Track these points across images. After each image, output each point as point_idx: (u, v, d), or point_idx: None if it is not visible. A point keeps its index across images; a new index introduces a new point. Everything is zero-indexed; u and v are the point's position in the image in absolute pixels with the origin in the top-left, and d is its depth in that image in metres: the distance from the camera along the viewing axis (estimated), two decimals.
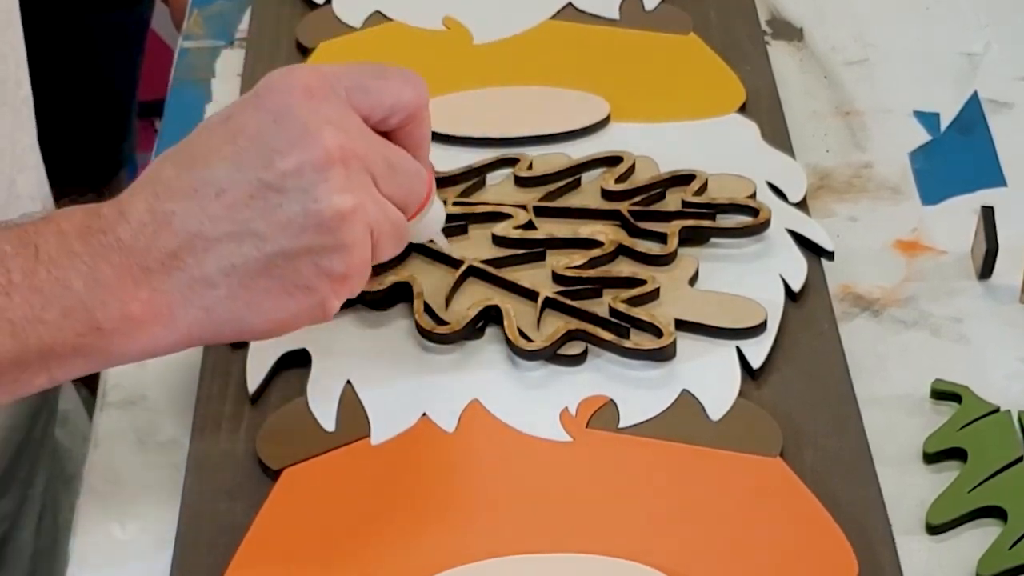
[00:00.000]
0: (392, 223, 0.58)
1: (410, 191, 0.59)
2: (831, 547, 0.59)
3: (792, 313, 0.68)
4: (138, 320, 0.56)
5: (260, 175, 0.56)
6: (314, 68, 0.58)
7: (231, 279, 0.56)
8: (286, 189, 0.55)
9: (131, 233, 0.56)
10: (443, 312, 0.68)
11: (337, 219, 0.56)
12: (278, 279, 0.56)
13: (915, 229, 0.75)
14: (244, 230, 0.56)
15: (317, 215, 0.56)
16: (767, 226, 0.71)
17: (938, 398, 0.66)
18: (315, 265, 0.56)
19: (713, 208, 0.72)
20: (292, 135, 0.56)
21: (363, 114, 0.58)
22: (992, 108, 0.81)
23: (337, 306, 0.58)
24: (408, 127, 0.60)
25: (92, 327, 0.55)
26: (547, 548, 0.59)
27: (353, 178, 0.56)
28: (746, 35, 0.85)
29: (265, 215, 0.56)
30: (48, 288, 0.55)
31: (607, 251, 0.70)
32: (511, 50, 0.84)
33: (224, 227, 0.56)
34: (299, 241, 0.56)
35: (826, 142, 0.80)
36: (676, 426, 0.64)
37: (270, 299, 0.56)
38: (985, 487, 0.62)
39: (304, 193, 0.55)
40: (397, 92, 0.59)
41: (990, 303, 0.70)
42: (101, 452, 0.65)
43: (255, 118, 0.56)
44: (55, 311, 0.55)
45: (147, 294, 0.55)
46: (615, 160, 0.75)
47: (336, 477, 0.62)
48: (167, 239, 0.56)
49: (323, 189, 0.56)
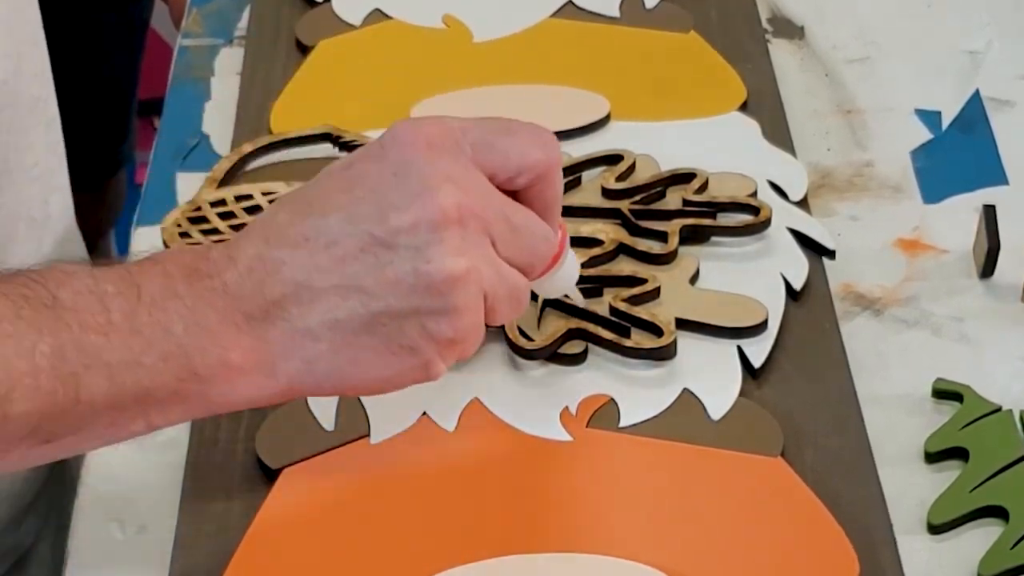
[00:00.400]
0: (509, 287, 0.56)
1: (533, 253, 0.57)
2: (832, 547, 0.59)
3: (793, 312, 0.68)
4: (238, 368, 0.54)
5: (373, 230, 0.54)
6: (440, 121, 0.56)
7: (334, 333, 0.55)
8: (398, 246, 0.54)
9: (237, 279, 0.54)
10: None
11: (448, 282, 0.54)
12: (383, 338, 0.55)
13: (916, 228, 0.75)
14: (352, 284, 0.54)
15: (427, 276, 0.54)
16: (768, 225, 0.71)
17: (939, 397, 0.66)
18: (422, 327, 0.55)
19: (714, 207, 0.72)
20: (410, 191, 0.54)
21: (488, 172, 0.56)
22: (994, 106, 0.81)
23: (443, 369, 0.56)
24: (537, 187, 0.58)
25: (191, 372, 0.54)
26: (547, 548, 0.59)
27: (469, 239, 0.55)
28: (747, 33, 0.85)
29: (374, 271, 0.54)
30: (148, 331, 0.53)
31: (607, 250, 0.70)
32: (511, 48, 0.83)
33: (332, 280, 0.54)
34: (407, 301, 0.54)
35: (827, 140, 0.80)
36: (677, 426, 0.64)
37: (373, 357, 0.55)
38: (986, 487, 0.61)
39: (416, 252, 0.54)
40: (525, 151, 0.57)
41: (992, 302, 0.70)
42: (100, 452, 0.65)
43: (375, 169, 0.55)
44: (154, 355, 0.53)
45: (249, 342, 0.54)
46: (615, 159, 0.74)
47: (335, 477, 0.62)
48: (273, 287, 0.54)
49: (436, 250, 0.54)
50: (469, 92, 0.80)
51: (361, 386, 0.57)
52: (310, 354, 0.55)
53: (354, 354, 0.55)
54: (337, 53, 0.84)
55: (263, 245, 0.55)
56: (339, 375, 0.55)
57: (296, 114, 0.80)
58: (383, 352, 0.55)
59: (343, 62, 0.84)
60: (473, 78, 0.81)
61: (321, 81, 0.82)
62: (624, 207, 0.72)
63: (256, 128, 0.79)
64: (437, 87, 0.80)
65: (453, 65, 0.83)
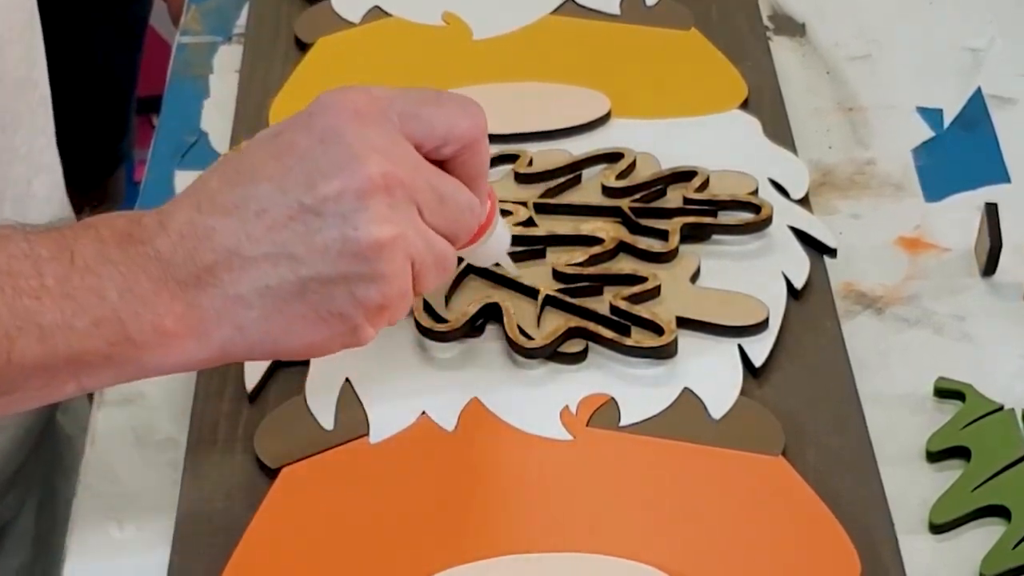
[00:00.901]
0: (436, 255, 0.57)
1: (459, 223, 0.58)
2: (833, 546, 0.59)
3: (794, 311, 0.68)
4: (171, 334, 0.55)
5: (302, 198, 0.55)
6: (367, 91, 0.57)
7: (266, 300, 0.56)
8: (326, 214, 0.55)
9: (170, 245, 0.55)
10: (443, 310, 0.67)
11: (375, 248, 0.55)
12: (313, 304, 0.56)
13: (918, 226, 0.74)
14: (282, 252, 0.55)
15: (355, 243, 0.55)
16: (769, 223, 0.71)
17: (941, 396, 0.66)
18: (350, 293, 0.56)
19: (714, 205, 0.71)
20: (337, 159, 0.55)
21: (415, 142, 0.57)
22: (996, 104, 0.81)
23: (372, 334, 0.57)
24: (463, 156, 0.59)
25: (123, 337, 0.55)
26: (547, 548, 0.59)
27: (396, 207, 0.56)
28: (748, 30, 0.85)
29: (304, 239, 0.55)
30: (82, 296, 0.54)
31: (608, 248, 0.69)
32: (511, 46, 0.83)
33: (262, 247, 0.55)
34: (335, 268, 0.55)
35: (828, 138, 0.80)
36: (677, 425, 0.63)
37: (304, 323, 0.56)
38: (988, 486, 0.61)
39: (343, 219, 0.55)
40: (452, 121, 0.58)
41: (994, 300, 0.70)
42: (98, 450, 0.65)
43: (303, 138, 0.56)
44: (86, 319, 0.54)
45: (182, 308, 0.55)
46: (616, 156, 0.74)
47: (335, 476, 0.62)
48: (205, 254, 0.55)
49: (363, 217, 0.55)
50: (468, 90, 0.80)
51: (292, 351, 0.58)
52: (242, 320, 0.56)
53: (285, 320, 0.56)
54: (336, 51, 0.84)
55: (195, 212, 0.56)
56: (271, 340, 0.56)
57: (295, 111, 0.79)
58: (313, 318, 0.56)
59: (342, 60, 0.83)
60: (472, 76, 0.81)
61: (320, 79, 0.82)
62: (624, 205, 0.71)
63: (255, 126, 0.79)
64: (436, 85, 0.80)
65: (452, 63, 0.82)
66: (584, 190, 0.74)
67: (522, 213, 0.71)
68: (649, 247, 0.70)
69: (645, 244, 0.70)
